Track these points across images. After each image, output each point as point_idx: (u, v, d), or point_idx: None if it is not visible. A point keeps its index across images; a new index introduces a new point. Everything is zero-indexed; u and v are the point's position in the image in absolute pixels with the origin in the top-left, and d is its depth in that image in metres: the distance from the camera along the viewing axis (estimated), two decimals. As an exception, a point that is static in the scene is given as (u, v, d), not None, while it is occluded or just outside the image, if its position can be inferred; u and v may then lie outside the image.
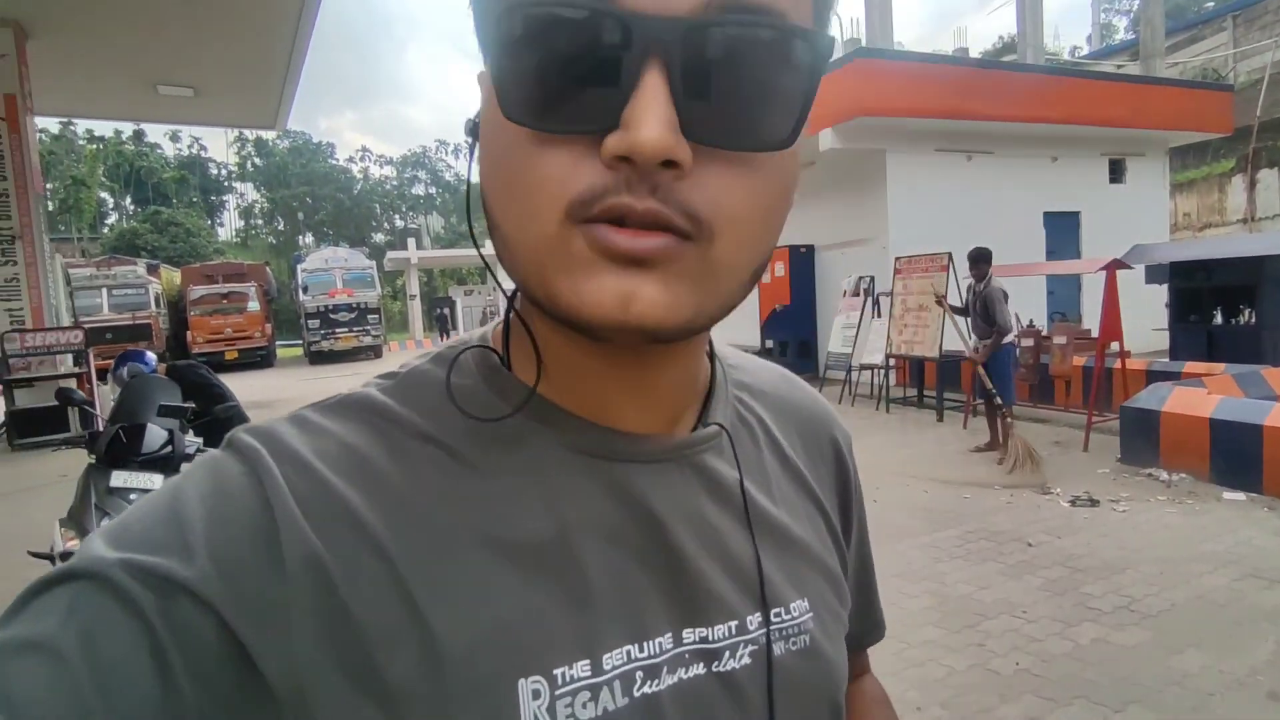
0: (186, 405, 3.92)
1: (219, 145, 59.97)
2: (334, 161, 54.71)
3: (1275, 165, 14.03)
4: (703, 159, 0.31)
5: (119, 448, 3.40)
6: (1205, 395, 5.14)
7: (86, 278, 18.48)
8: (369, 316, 21.13)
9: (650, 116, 0.29)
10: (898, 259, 8.52)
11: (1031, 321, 7.16)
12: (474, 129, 0.38)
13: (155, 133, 47.29)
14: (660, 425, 0.42)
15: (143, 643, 0.30)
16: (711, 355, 0.47)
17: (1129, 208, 11.71)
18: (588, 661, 0.36)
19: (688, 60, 0.30)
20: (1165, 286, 8.27)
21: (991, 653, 2.92)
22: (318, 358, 20.88)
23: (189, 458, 3.59)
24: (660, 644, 0.38)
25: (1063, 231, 11.28)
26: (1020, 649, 2.94)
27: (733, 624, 0.41)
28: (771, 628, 0.42)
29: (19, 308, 9.01)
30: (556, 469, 0.39)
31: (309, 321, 20.69)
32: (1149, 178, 12.26)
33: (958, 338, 6.49)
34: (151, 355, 4.40)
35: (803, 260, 11.12)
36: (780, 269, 11.09)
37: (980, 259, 5.98)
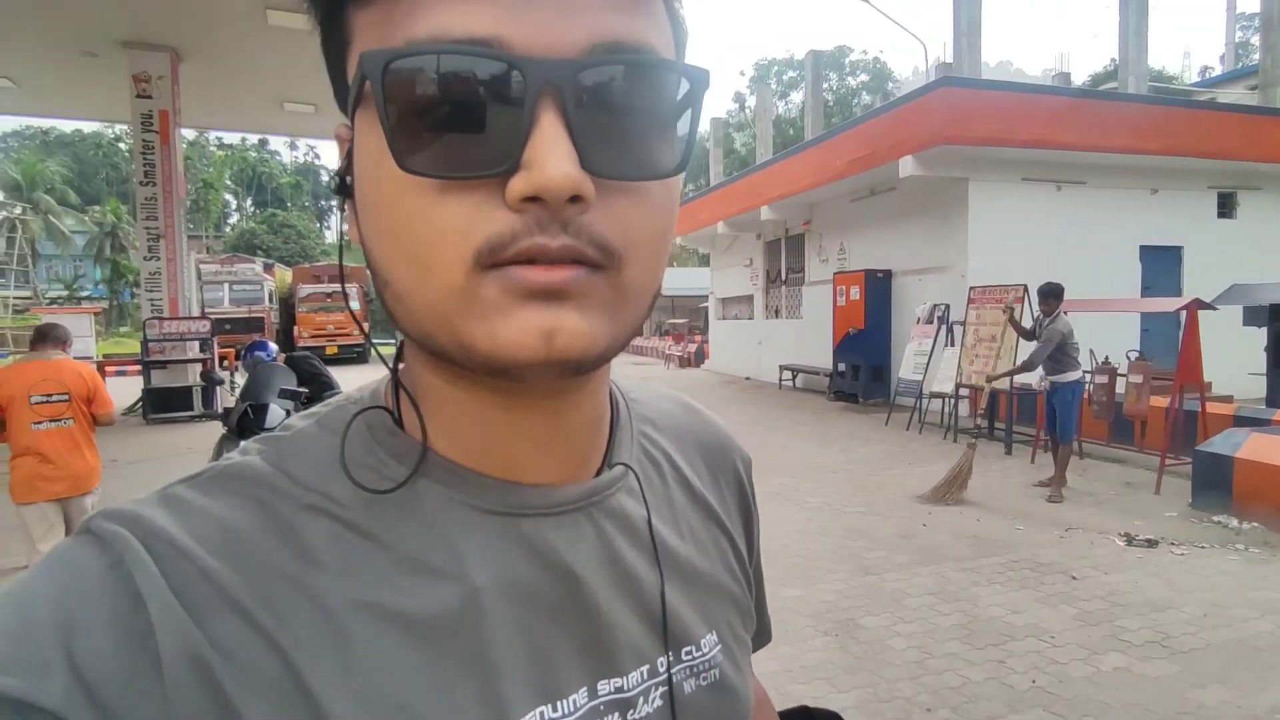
0: (301, 390, 4.55)
1: (332, 153, 64.42)
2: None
3: None
4: (602, 191, 0.31)
5: (247, 422, 4.01)
6: (1285, 443, 4.97)
7: (213, 273, 20.39)
8: None
9: (554, 154, 0.30)
10: (972, 288, 8.47)
11: (1107, 359, 6.98)
12: (342, 186, 0.37)
13: (275, 140, 51.21)
14: (568, 472, 0.41)
15: None
16: (611, 391, 0.47)
17: (1239, 244, 11.07)
18: None
19: (579, 98, 0.30)
20: (1265, 330, 7.86)
21: (1010, 669, 3.05)
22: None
23: (302, 435, 4.19)
24: (575, 700, 0.38)
25: (1162, 267, 10.80)
26: (1039, 669, 3.06)
27: (645, 668, 0.41)
28: (682, 665, 0.43)
29: (159, 298, 10.19)
30: (461, 531, 0.37)
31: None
32: (1264, 213, 11.56)
33: (1018, 363, 6.46)
34: (273, 346, 5.04)
35: (879, 285, 11.12)
36: (855, 293, 11.13)
37: (1050, 294, 5.95)
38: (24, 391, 3.46)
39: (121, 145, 39.68)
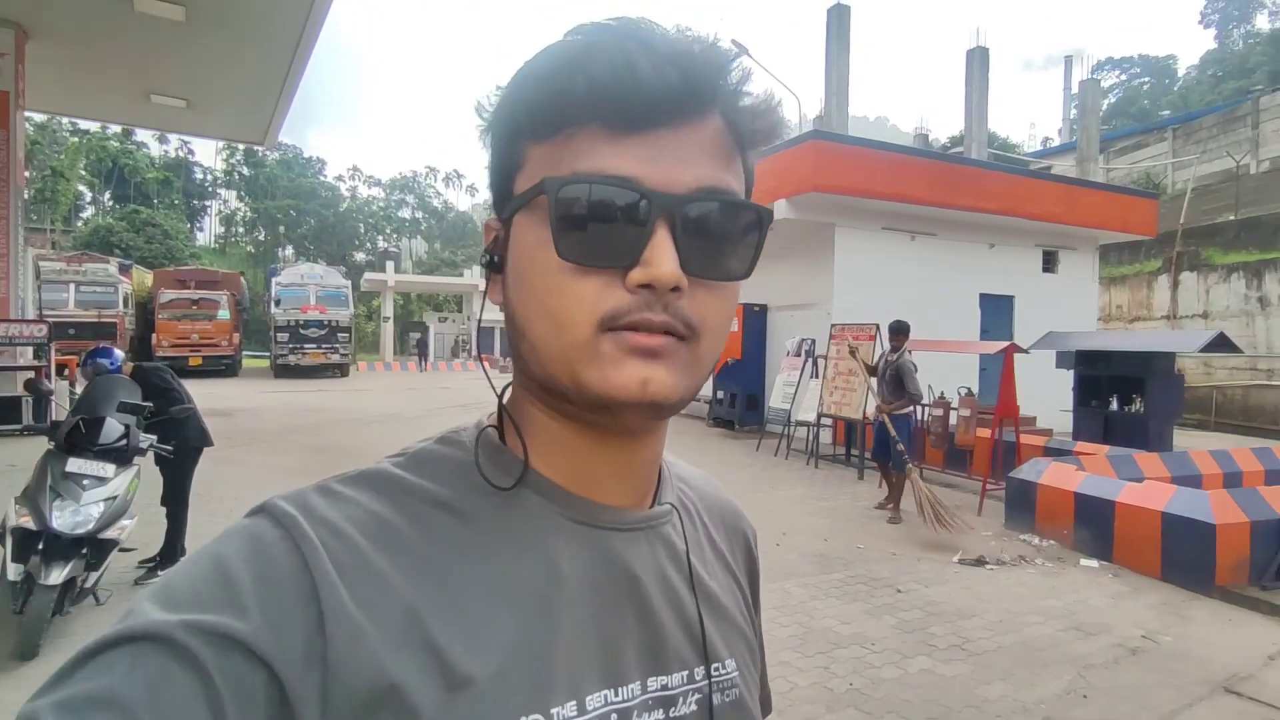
0: (145, 404, 4.30)
1: (207, 150, 59.59)
2: (322, 177, 55.13)
3: (1195, 269, 15.19)
4: (693, 285, 0.42)
5: (77, 437, 3.75)
6: (1074, 471, 5.73)
7: (56, 272, 18.48)
8: (339, 335, 21.33)
9: (666, 257, 0.41)
10: (833, 325, 9.16)
11: (943, 394, 7.78)
12: (491, 263, 0.48)
13: (143, 132, 47.29)
14: (633, 500, 0.50)
15: (201, 695, 0.34)
16: None
17: (1060, 295, 12.65)
18: (575, 703, 0.42)
19: (684, 220, 0.42)
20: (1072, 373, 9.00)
21: (833, 674, 3.37)
22: (283, 371, 20.97)
23: (141, 451, 3.96)
24: (632, 689, 0.45)
25: (997, 313, 12.12)
26: (858, 673, 3.40)
27: (684, 674, 0.49)
28: (713, 679, 0.50)
29: (-13, 297, 9.18)
30: (552, 533, 0.46)
31: (278, 334, 20.80)
32: (1080, 269, 13.26)
33: (869, 394, 7.04)
34: (119, 353, 4.72)
35: (756, 318, 11.76)
36: (734, 324, 11.67)
37: (899, 331, 6.56)
38: None
39: (-49, 123, 35.32)
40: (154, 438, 4.11)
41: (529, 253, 0.44)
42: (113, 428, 3.87)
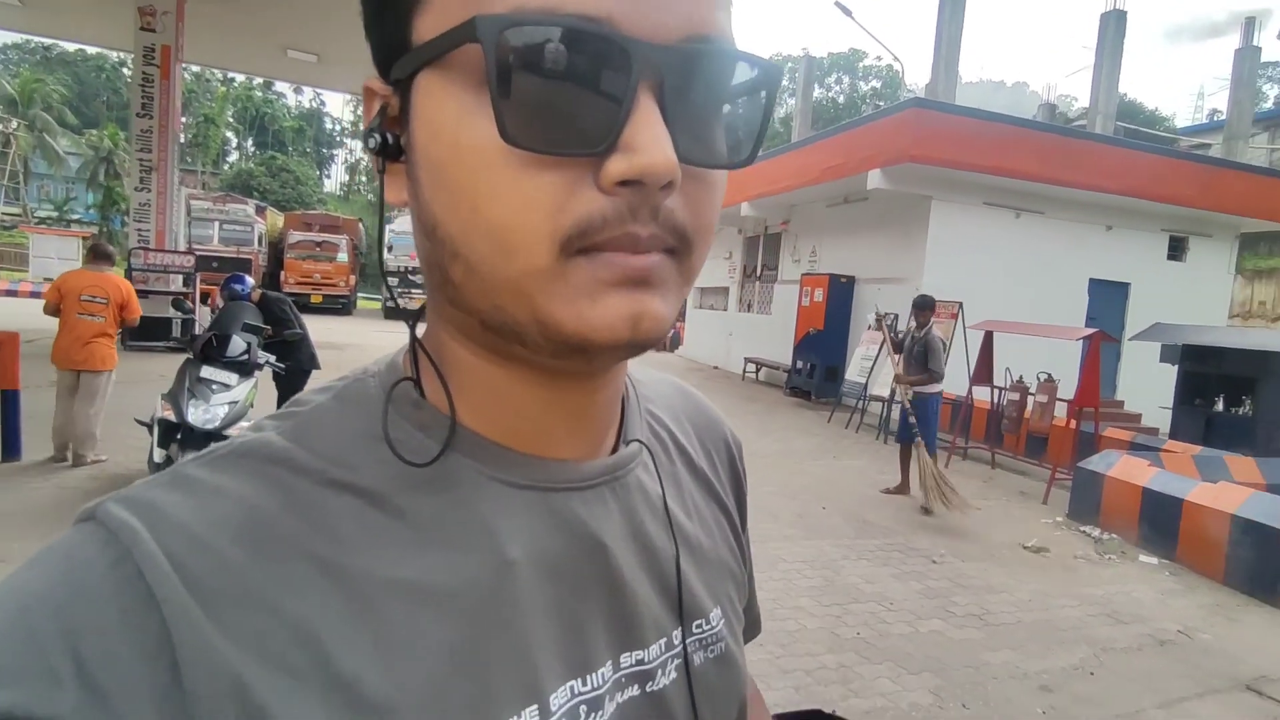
0: (264, 327, 5.00)
1: (337, 102, 63.67)
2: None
3: (1356, 265, 13.55)
4: (684, 178, 0.31)
5: (210, 349, 4.46)
6: (1146, 466, 5.52)
7: (204, 210, 20.53)
8: None
9: (658, 139, 0.30)
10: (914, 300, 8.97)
11: (1020, 378, 7.51)
12: (384, 147, 0.35)
13: (281, 84, 50.78)
14: (590, 448, 0.42)
15: None
16: None
17: (1186, 286, 11.69)
18: (536, 707, 0.35)
19: (675, 84, 0.31)
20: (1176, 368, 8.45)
21: (843, 623, 3.58)
22: (392, 313, 22.48)
23: (260, 366, 4.64)
24: (602, 675, 0.39)
25: (1109, 301, 11.39)
26: (868, 625, 3.59)
27: (663, 641, 0.42)
28: (694, 639, 0.44)
29: (147, 229, 10.50)
30: (491, 506, 0.37)
31: (389, 279, 22.24)
32: (1213, 259, 12.17)
33: (889, 363, 6.58)
34: (250, 280, 5.43)
35: (842, 290, 11.61)
36: (820, 295, 11.62)
37: (924, 306, 6.22)
38: (77, 291, 4.89)
39: (125, 70, 39.27)
40: (272, 356, 4.79)
41: (449, 133, 0.32)
42: (237, 344, 4.55)
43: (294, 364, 5.07)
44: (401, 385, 0.39)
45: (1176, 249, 11.92)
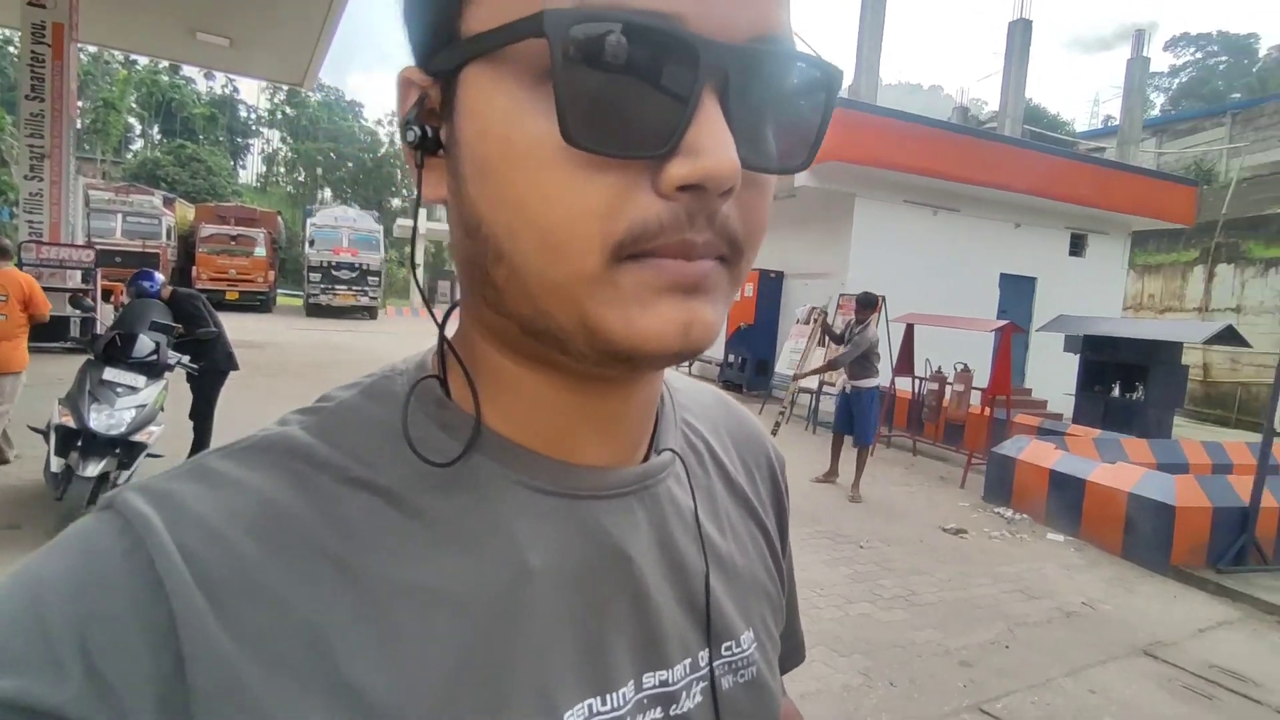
0: (174, 325, 4.72)
1: (252, 88, 60.62)
2: (362, 121, 55.52)
3: (1234, 261, 14.79)
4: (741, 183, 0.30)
5: (114, 350, 4.18)
6: (1053, 449, 5.89)
7: (104, 201, 19.18)
8: (369, 278, 21.84)
9: (723, 142, 0.29)
10: (841, 295, 9.28)
11: (939, 369, 7.89)
12: (423, 140, 0.34)
13: (190, 68, 47.99)
14: (621, 455, 0.40)
15: None
16: None
17: (1086, 280, 12.50)
18: None
19: (739, 85, 0.30)
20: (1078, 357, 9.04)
21: (777, 611, 3.67)
22: (315, 310, 21.62)
23: (170, 367, 4.38)
24: (623, 695, 0.37)
25: (1018, 294, 12.06)
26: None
27: (688, 661, 0.40)
28: (722, 661, 0.42)
29: (40, 221, 9.75)
30: (514, 511, 0.36)
31: (311, 274, 21.42)
32: (1109, 255, 13.06)
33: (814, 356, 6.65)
34: (160, 276, 5.10)
35: (772, 285, 11.87)
36: (750, 290, 11.84)
37: (866, 304, 6.24)
38: None
39: (11, 49, 36.29)
40: (184, 356, 4.52)
41: (499, 129, 0.31)
42: (144, 344, 4.28)
43: (209, 364, 4.81)
44: (426, 383, 0.38)
45: (1078, 245, 12.72)
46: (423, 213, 0.38)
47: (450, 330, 0.40)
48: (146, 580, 0.29)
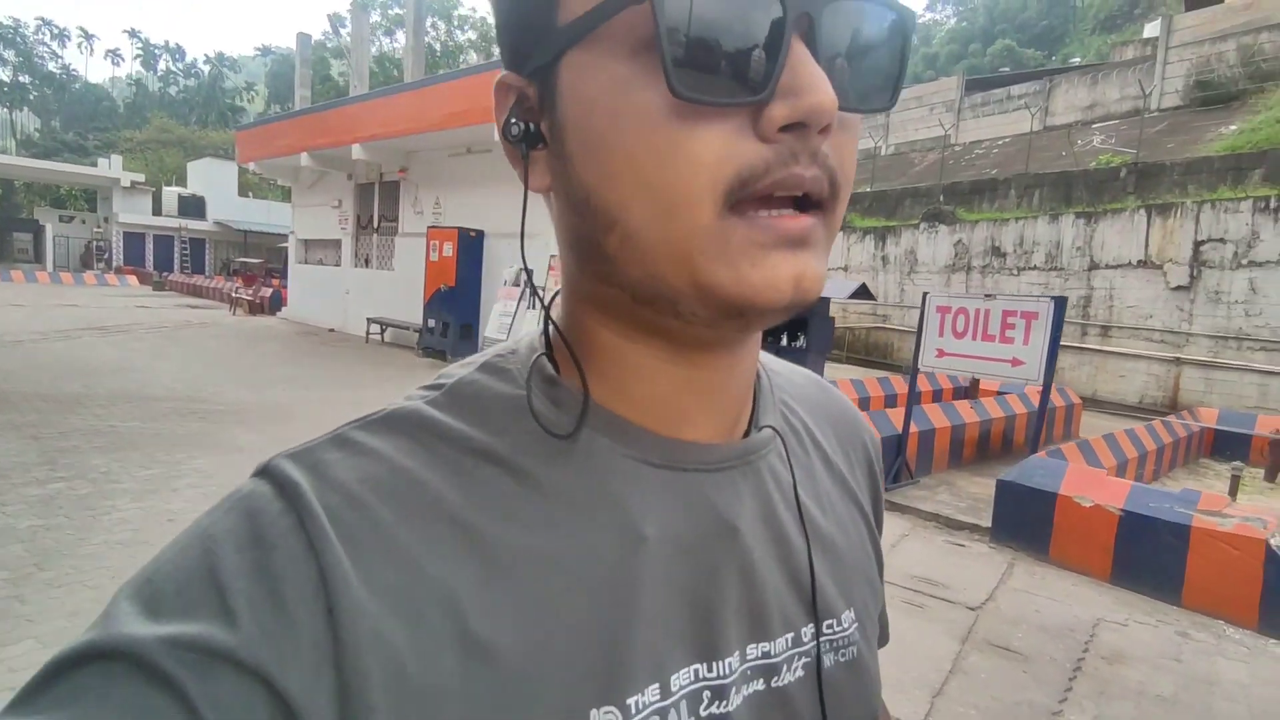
0: None
1: None
2: None
3: (842, 230, 18.38)
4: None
5: None
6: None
7: None
8: None
9: (818, 80, 0.30)
10: (552, 256, 9.14)
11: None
12: (528, 135, 0.36)
13: None
14: (724, 431, 0.41)
15: None
16: None
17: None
18: (657, 685, 0.35)
19: (825, 29, 0.31)
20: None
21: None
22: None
23: None
24: (729, 664, 0.38)
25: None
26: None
27: (790, 635, 0.41)
28: (823, 639, 0.42)
29: None
30: (626, 483, 0.37)
31: None
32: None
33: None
34: None
35: (472, 244, 11.23)
36: (449, 249, 11.06)
37: None
38: None
39: None
40: None
41: (606, 103, 0.32)
42: None
43: None
44: (539, 360, 0.40)
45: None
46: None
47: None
48: (299, 539, 0.31)
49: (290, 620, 0.30)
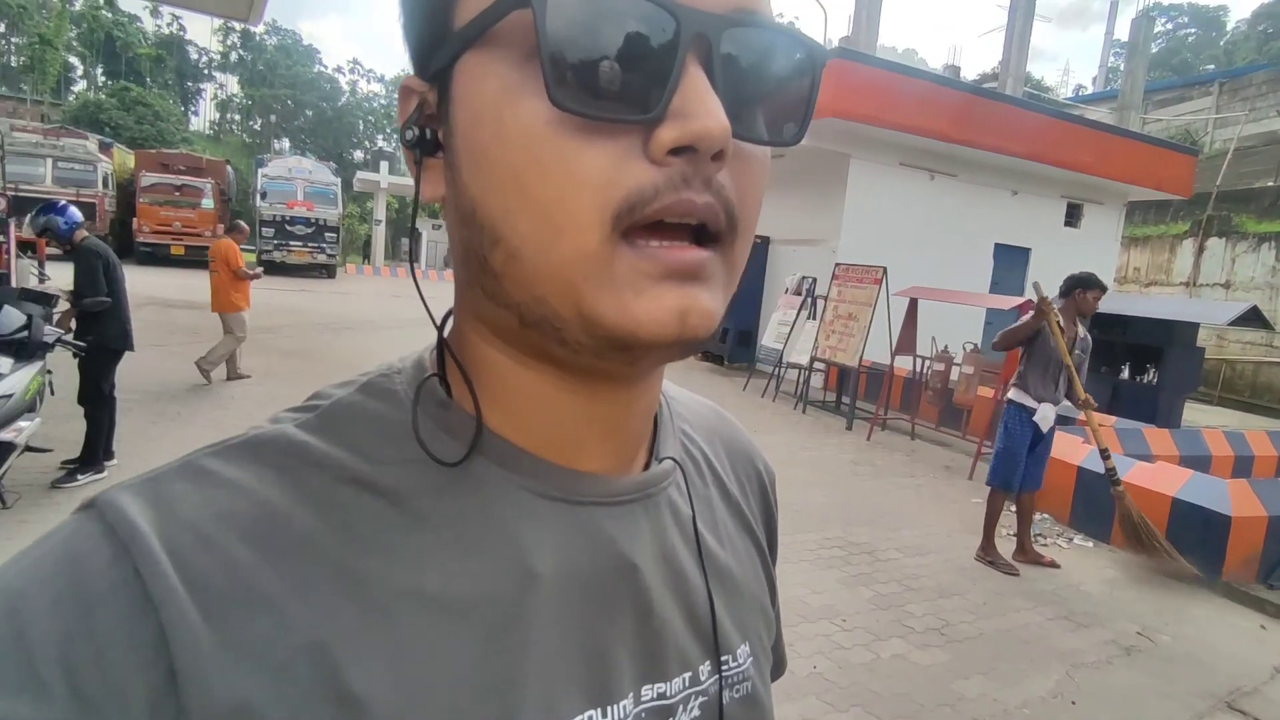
0: (54, 294, 3.84)
1: (202, 29, 56.94)
2: (321, 68, 52.80)
3: (1225, 235, 14.47)
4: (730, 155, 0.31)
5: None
6: (1080, 443, 5.33)
7: (31, 145, 17.46)
8: (326, 234, 20.37)
9: (710, 104, 0.29)
10: (837, 265, 8.60)
11: (946, 347, 7.33)
12: (421, 140, 0.34)
13: (134, 3, 44.84)
14: (622, 463, 0.40)
15: None
16: None
17: (1080, 252, 11.69)
18: None
19: (724, 53, 0.30)
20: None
21: (797, 653, 3.04)
22: (269, 268, 19.89)
23: (48, 345, 3.50)
24: (624, 707, 0.36)
25: (1011, 265, 11.39)
26: (824, 654, 3.07)
27: (687, 675, 0.40)
28: (721, 677, 0.41)
29: (-67, 164, 8.48)
30: (519, 516, 0.35)
31: (264, 230, 19.94)
32: (1104, 226, 12.47)
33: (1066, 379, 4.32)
34: (78, 214, 4.23)
35: (756, 251, 11.00)
36: (734, 255, 11.12)
37: (1090, 284, 4.51)
38: None
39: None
40: (61, 331, 3.67)
41: (492, 111, 0.30)
42: (12, 317, 3.42)
43: (96, 339, 3.95)
44: (429, 382, 0.37)
45: (1073, 215, 12.11)
46: (385, 165, 0.33)
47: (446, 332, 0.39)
48: (132, 591, 0.27)
49: (117, 690, 0.26)
